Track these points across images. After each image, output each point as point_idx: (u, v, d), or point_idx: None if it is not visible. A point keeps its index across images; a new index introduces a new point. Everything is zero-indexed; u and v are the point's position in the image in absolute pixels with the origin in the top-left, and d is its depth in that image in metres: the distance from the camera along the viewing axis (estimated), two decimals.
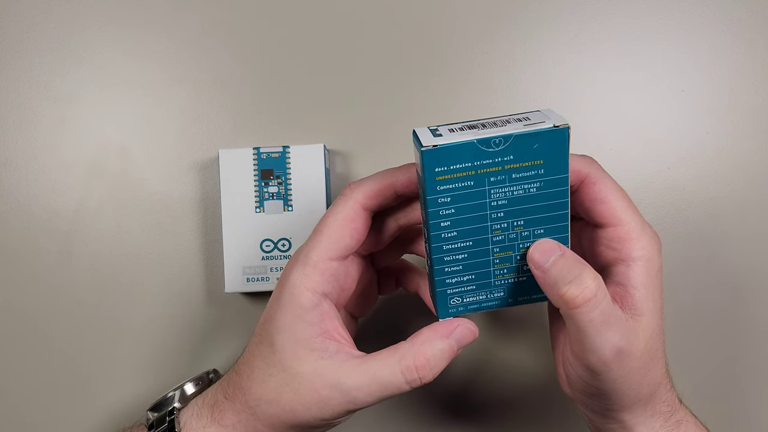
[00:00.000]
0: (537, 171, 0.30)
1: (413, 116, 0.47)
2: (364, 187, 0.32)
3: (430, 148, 0.29)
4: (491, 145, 0.29)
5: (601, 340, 0.30)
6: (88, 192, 0.48)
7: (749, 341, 0.47)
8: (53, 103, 0.48)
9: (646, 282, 0.32)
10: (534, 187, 0.31)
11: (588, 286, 0.29)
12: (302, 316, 0.32)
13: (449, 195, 0.30)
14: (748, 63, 0.47)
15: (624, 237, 0.32)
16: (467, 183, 0.30)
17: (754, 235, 0.47)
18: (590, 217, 0.33)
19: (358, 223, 0.32)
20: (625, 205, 0.32)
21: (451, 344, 0.32)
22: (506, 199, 0.31)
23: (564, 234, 0.32)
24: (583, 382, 0.32)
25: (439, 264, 0.32)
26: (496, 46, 0.47)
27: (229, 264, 0.44)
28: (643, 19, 0.47)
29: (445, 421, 0.48)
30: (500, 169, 0.30)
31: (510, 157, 0.30)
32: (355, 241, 0.32)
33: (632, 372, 0.31)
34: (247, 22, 0.47)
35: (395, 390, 0.31)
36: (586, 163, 0.33)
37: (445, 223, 0.31)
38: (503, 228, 0.31)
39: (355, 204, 0.32)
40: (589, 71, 0.47)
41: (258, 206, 0.44)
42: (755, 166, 0.47)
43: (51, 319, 0.48)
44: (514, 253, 0.32)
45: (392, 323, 0.47)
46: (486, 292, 0.33)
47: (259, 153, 0.44)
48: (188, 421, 0.34)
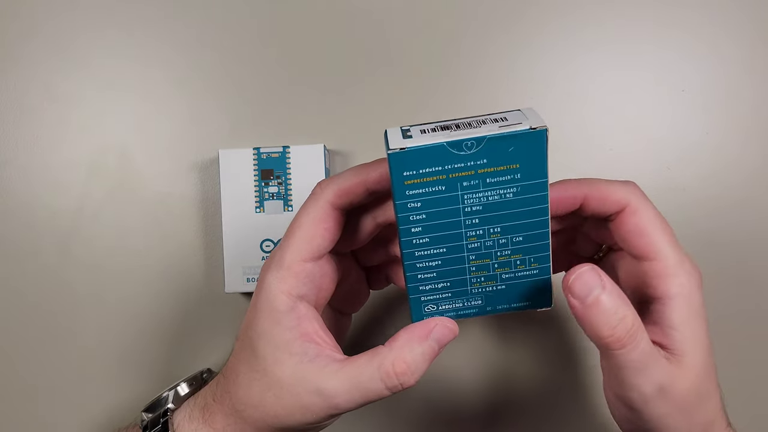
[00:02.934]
0: (513, 176, 0.29)
1: (413, 116, 0.47)
2: (333, 185, 0.32)
3: (397, 151, 0.28)
4: (463, 148, 0.28)
5: (640, 378, 0.29)
6: (89, 192, 0.48)
7: (751, 340, 0.47)
8: (54, 103, 0.48)
9: (687, 320, 0.30)
10: (510, 193, 0.29)
11: (629, 329, 0.28)
12: (279, 321, 0.31)
13: (419, 200, 0.29)
14: (748, 63, 0.47)
15: (661, 273, 0.30)
16: (438, 188, 0.29)
17: (754, 235, 0.47)
18: (627, 248, 0.32)
19: (330, 223, 0.32)
20: (663, 238, 0.31)
21: (431, 345, 0.31)
22: (481, 205, 0.29)
23: (545, 241, 0.30)
24: (628, 420, 0.32)
25: (411, 270, 0.31)
26: (496, 47, 0.47)
27: (229, 264, 0.44)
28: (643, 20, 0.47)
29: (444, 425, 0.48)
30: (473, 173, 0.28)
31: (483, 161, 0.28)
32: (328, 242, 0.32)
33: (678, 411, 0.30)
34: (247, 22, 0.47)
35: (376, 396, 0.31)
36: (628, 191, 0.31)
37: (416, 229, 0.30)
38: (479, 235, 0.30)
39: (326, 204, 0.31)
40: (589, 71, 0.47)
41: (258, 206, 0.44)
42: (755, 166, 0.47)
43: (51, 319, 0.48)
44: (491, 260, 0.31)
45: (393, 317, 0.47)
46: (463, 299, 0.32)
47: (259, 153, 0.44)
48: (181, 422, 0.34)
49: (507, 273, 0.31)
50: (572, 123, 0.47)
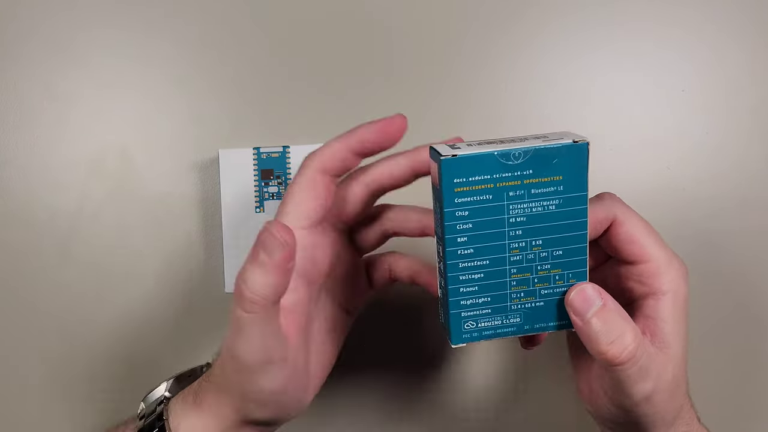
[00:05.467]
0: (556, 187, 0.30)
1: (413, 116, 0.47)
2: (319, 152, 0.33)
3: (450, 158, 0.29)
4: (511, 158, 0.29)
5: (636, 389, 0.31)
6: (88, 192, 0.48)
7: (750, 340, 0.47)
8: (54, 103, 0.48)
9: (674, 314, 0.32)
10: (553, 205, 0.30)
11: (628, 347, 0.30)
12: None
13: (467, 208, 0.30)
14: (748, 63, 0.47)
15: (654, 272, 0.33)
16: (486, 196, 0.30)
17: (753, 235, 0.47)
18: (620, 256, 0.34)
19: (320, 188, 0.33)
20: (652, 241, 0.33)
21: None
22: (525, 216, 0.30)
23: (582, 256, 0.31)
24: (612, 415, 0.33)
25: (453, 283, 0.31)
26: (497, 47, 0.47)
27: (229, 264, 0.44)
28: (644, 20, 0.47)
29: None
30: (519, 183, 0.30)
31: (529, 171, 0.29)
32: (319, 205, 0.33)
33: (661, 403, 0.32)
34: (247, 22, 0.47)
35: None
36: (609, 207, 0.33)
37: (461, 239, 0.30)
38: (521, 247, 0.31)
39: (312, 171, 0.33)
40: (589, 71, 0.47)
41: (258, 206, 0.44)
42: (755, 166, 0.47)
43: (51, 318, 0.48)
44: (531, 275, 0.31)
45: (400, 321, 0.47)
46: (501, 317, 0.32)
47: (259, 153, 0.44)
48: (174, 407, 0.35)
49: (546, 288, 0.32)
50: (572, 123, 0.47)
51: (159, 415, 0.35)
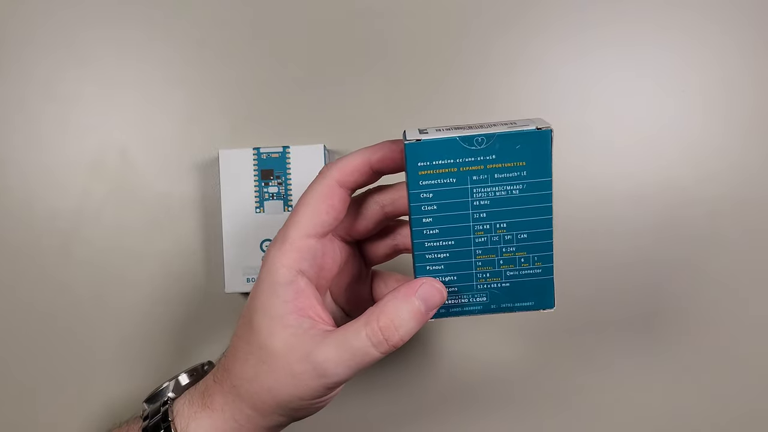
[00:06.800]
0: (520, 173, 0.31)
1: (413, 117, 0.47)
2: (339, 164, 0.33)
3: (413, 142, 0.30)
4: (474, 143, 0.30)
5: None
6: (89, 191, 0.48)
7: (751, 340, 0.47)
8: (54, 103, 0.48)
9: None
10: (517, 189, 0.31)
11: None
12: (277, 293, 0.32)
13: (431, 191, 0.31)
14: (747, 63, 0.47)
15: None
16: (449, 180, 0.31)
17: (753, 235, 0.47)
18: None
19: (335, 200, 0.33)
20: None
21: (416, 303, 0.31)
22: (489, 200, 0.31)
23: (548, 240, 0.32)
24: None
25: (420, 261, 0.32)
26: (497, 48, 0.47)
27: (229, 264, 0.44)
28: (644, 20, 0.47)
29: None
30: (482, 168, 0.31)
31: (492, 156, 0.30)
32: (332, 218, 0.33)
33: None
34: (247, 22, 0.47)
35: (364, 356, 0.31)
36: None
37: (427, 219, 0.31)
38: (486, 229, 0.32)
39: (331, 181, 0.33)
40: (589, 72, 0.47)
41: (258, 206, 0.44)
42: (755, 166, 0.47)
43: (51, 318, 0.48)
44: (496, 256, 0.32)
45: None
46: (468, 295, 0.33)
47: (259, 153, 0.44)
48: (181, 408, 0.35)
49: (511, 270, 0.32)
50: (572, 123, 0.47)
51: (164, 416, 0.35)
